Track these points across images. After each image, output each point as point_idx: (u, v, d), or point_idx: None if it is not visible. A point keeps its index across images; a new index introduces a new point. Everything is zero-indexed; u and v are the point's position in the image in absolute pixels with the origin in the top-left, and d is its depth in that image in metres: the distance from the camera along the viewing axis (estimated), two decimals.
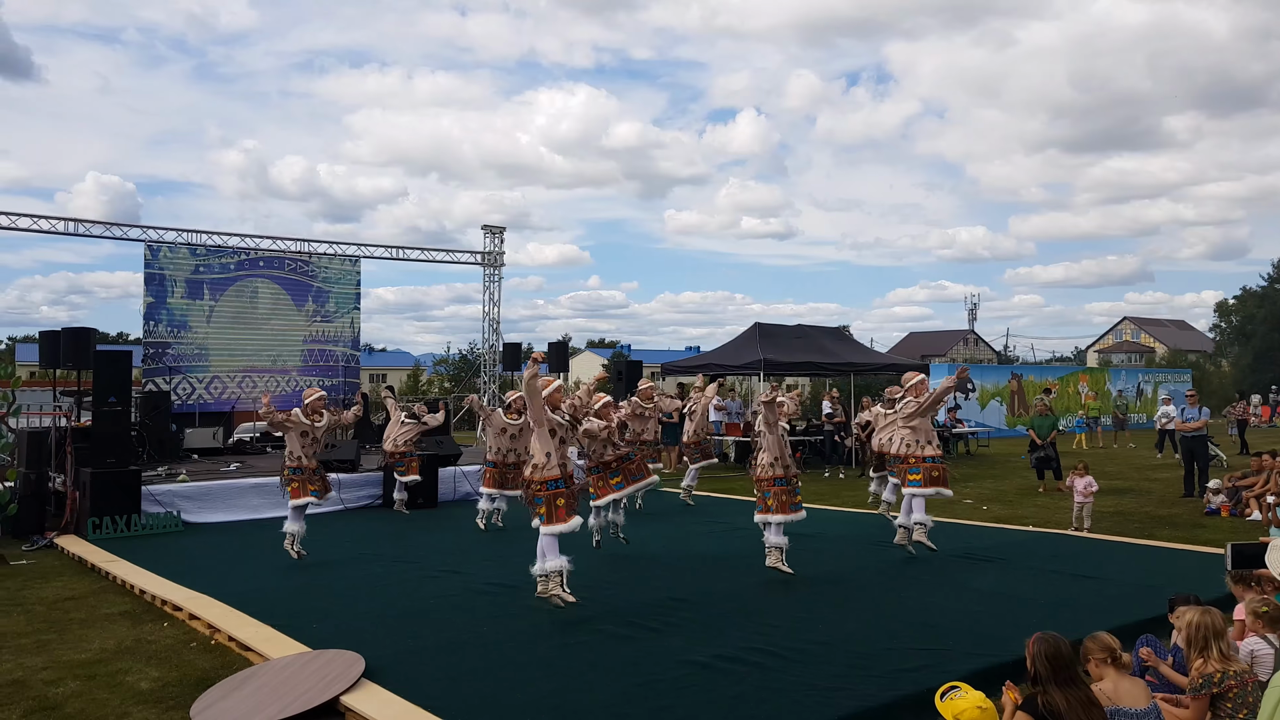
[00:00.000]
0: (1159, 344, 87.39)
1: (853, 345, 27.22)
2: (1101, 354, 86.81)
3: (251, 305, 23.02)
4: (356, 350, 25.08)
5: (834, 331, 26.95)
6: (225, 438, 20.08)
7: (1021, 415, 32.36)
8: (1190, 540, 11.47)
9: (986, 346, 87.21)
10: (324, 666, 6.34)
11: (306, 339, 23.76)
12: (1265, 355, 58.75)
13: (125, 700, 6.16)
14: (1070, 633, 4.68)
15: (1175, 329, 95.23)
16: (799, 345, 23.19)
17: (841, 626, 7.43)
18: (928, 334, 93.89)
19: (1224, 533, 11.72)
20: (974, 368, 36.47)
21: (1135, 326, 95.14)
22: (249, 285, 23.03)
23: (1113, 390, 37.77)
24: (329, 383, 23.88)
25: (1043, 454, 17.10)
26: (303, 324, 23.74)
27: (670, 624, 7.55)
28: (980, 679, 5.59)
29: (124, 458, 13.06)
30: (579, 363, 74.02)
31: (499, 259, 30.16)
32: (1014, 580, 9.11)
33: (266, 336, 23.14)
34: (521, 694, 5.92)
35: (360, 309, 24.95)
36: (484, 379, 31.08)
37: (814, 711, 5.48)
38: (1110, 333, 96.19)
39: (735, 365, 22.59)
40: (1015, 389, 34.48)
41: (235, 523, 13.62)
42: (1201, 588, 7.27)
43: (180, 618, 8.31)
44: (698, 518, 13.89)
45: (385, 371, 69.69)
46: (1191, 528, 12.65)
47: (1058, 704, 4.18)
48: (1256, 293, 65.27)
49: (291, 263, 23.85)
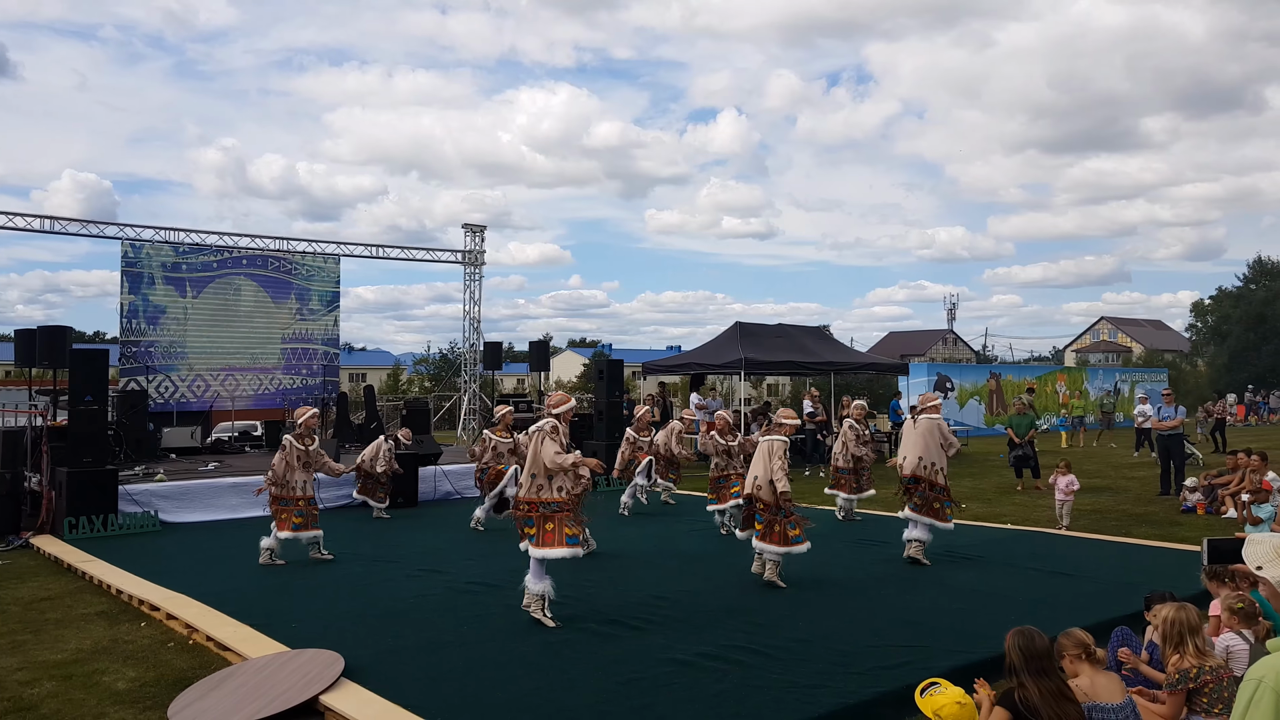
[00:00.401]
0: (1136, 344, 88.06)
1: (833, 345, 27.31)
2: (1079, 353, 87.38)
3: (230, 304, 22.90)
4: (336, 349, 24.98)
5: (814, 331, 27.02)
6: (203, 437, 19.96)
7: (1000, 414, 32.55)
8: (1167, 538, 11.57)
9: (965, 346, 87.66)
10: (303, 666, 6.31)
11: (285, 338, 23.64)
12: (1240, 355, 59.29)
13: (102, 700, 6.11)
14: (1048, 629, 4.70)
15: (1152, 329, 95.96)
16: (780, 345, 23.23)
17: (822, 624, 7.45)
18: (907, 334, 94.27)
19: (1200, 530, 11.82)
20: (953, 367, 36.67)
21: (1112, 326, 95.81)
22: (227, 284, 22.90)
23: (1091, 390, 38.07)
24: (308, 382, 23.79)
25: (1021, 453, 17.21)
26: (282, 323, 23.62)
27: (652, 622, 7.56)
28: (960, 675, 5.62)
29: (100, 457, 12.95)
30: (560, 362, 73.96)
31: (480, 258, 30.09)
32: (993, 578, 9.16)
33: (245, 335, 23.02)
34: (502, 693, 5.91)
35: (340, 308, 24.87)
36: (465, 378, 30.99)
37: (795, 709, 5.50)
38: (1088, 332, 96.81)
39: (716, 364, 22.62)
40: (994, 388, 34.66)
41: (213, 522, 13.53)
42: (1177, 585, 7.33)
43: (157, 617, 8.25)
44: (680, 517, 13.90)
45: (365, 371, 69.34)
46: (1168, 525, 12.76)
47: (1033, 697, 4.22)
48: (1232, 293, 65.91)
49: (270, 261, 23.73)
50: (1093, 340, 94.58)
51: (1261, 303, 60.30)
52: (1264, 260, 67.16)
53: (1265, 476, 11.95)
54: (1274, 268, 66.32)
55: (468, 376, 30.84)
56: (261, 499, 10.86)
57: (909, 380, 29.71)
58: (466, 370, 30.99)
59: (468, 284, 30.35)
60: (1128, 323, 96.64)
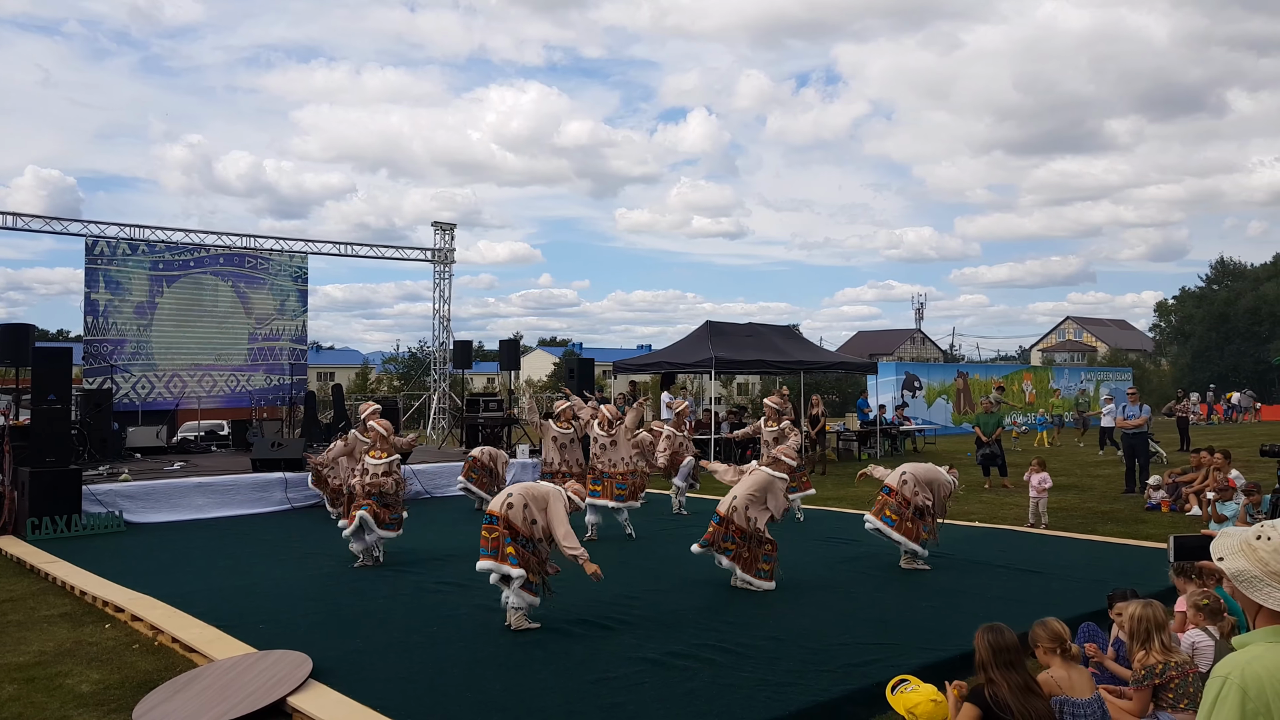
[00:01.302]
0: (1100, 343, 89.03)
1: (803, 344, 27.38)
2: (1045, 353, 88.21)
3: (196, 302, 22.65)
4: (304, 347, 24.78)
5: (784, 330, 27.09)
6: (169, 436, 19.75)
7: (967, 413, 32.81)
8: (1132, 535, 11.70)
9: (933, 345, 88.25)
10: (270, 667, 6.25)
11: (252, 336, 23.42)
12: (1203, 354, 60.15)
13: (65, 704, 6.02)
14: (1017, 626, 4.74)
15: (1116, 328, 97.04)
16: (750, 344, 23.28)
17: (793, 623, 7.47)
18: (876, 333, 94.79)
19: (1164, 527, 11.96)
20: (921, 366, 36.91)
21: (1078, 326, 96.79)
22: (193, 282, 22.65)
23: (1058, 388, 38.48)
24: (275, 381, 23.59)
25: (988, 451, 17.33)
26: (249, 321, 23.40)
27: (623, 622, 7.54)
28: (929, 672, 5.66)
29: (64, 457, 12.79)
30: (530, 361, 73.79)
31: (449, 256, 29.97)
32: (961, 575, 9.22)
33: (211, 334, 22.78)
34: (472, 693, 5.88)
35: (308, 306, 24.67)
36: (434, 377, 30.85)
37: (765, 707, 5.50)
38: (1053, 332, 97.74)
39: (687, 364, 22.63)
40: (961, 387, 34.94)
41: (179, 523, 13.38)
42: (1142, 581, 7.41)
43: (122, 619, 8.14)
44: (650, 516, 13.88)
45: (333, 370, 68.89)
46: (1133, 523, 12.89)
47: (1002, 692, 4.24)
48: (1195, 293, 66.83)
49: (237, 259, 23.50)
50: (1058, 340, 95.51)
51: (1224, 303, 61.19)
52: (1226, 261, 68.29)
53: (1229, 475, 12.12)
54: (1236, 268, 67.38)
55: (437, 375, 30.71)
56: (226, 500, 10.82)
57: (877, 379, 29.87)
58: (436, 369, 30.86)
59: (437, 282, 30.24)
60: (1093, 322, 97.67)
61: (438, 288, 30.23)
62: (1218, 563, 2.48)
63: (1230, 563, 2.45)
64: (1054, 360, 75.56)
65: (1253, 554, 2.42)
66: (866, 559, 10.10)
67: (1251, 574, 2.40)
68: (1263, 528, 2.46)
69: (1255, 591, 2.39)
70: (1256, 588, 2.39)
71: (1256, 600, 2.39)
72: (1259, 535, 2.44)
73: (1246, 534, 2.47)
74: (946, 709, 4.68)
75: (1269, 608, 2.37)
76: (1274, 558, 2.38)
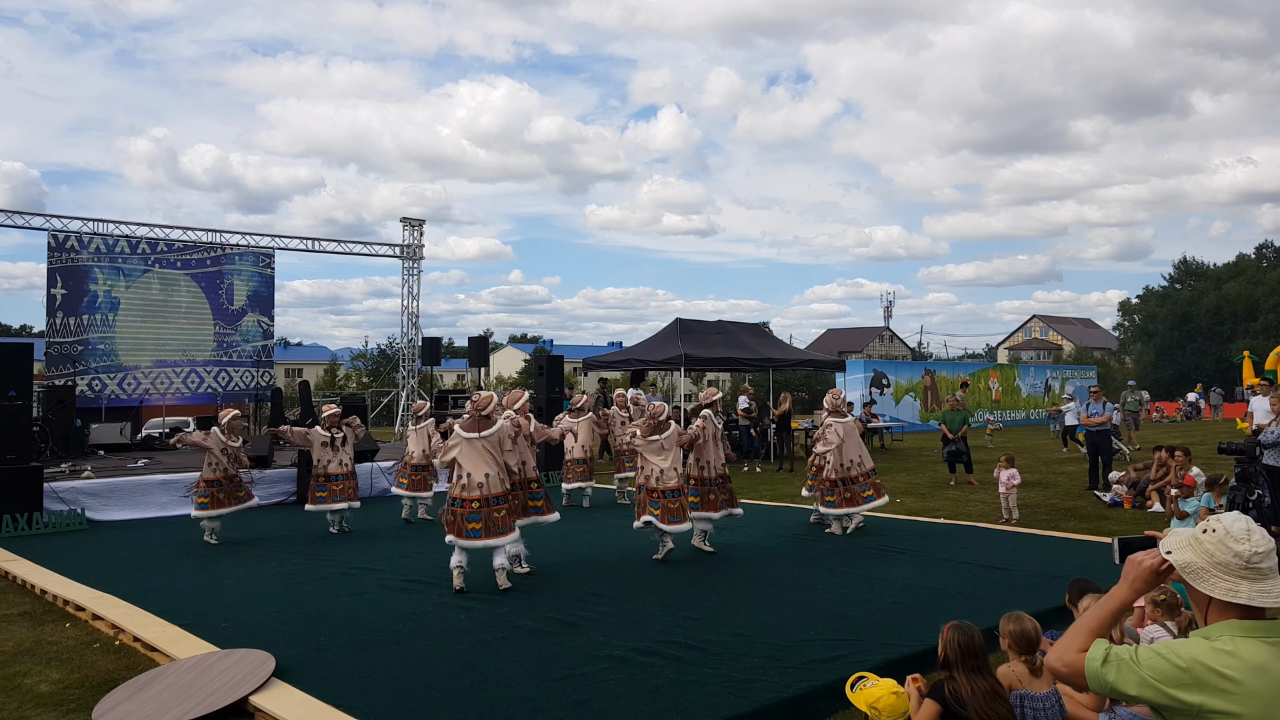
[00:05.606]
0: (1066, 341, 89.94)
1: (772, 341, 27.48)
2: (1011, 351, 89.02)
3: (161, 297, 22.43)
4: (270, 343, 24.60)
5: (754, 328, 27.18)
6: (133, 433, 19.54)
7: (935, 410, 33.05)
8: (1094, 531, 11.82)
9: (901, 343, 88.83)
10: (233, 666, 6.21)
11: (218, 332, 23.22)
12: (1166, 353, 60.92)
13: (24, 704, 5.95)
14: (980, 622, 4.77)
15: (1081, 327, 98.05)
16: (719, 341, 23.34)
17: (758, 619, 7.50)
18: (845, 330, 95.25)
19: (1126, 524, 12.11)
20: (889, 364, 37.14)
21: (1044, 324, 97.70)
22: (159, 277, 22.43)
23: (1022, 386, 38.86)
24: (242, 377, 23.39)
25: (954, 448, 17.47)
26: (214, 317, 23.20)
27: (588, 619, 7.55)
28: (892, 668, 5.70)
29: (25, 454, 12.64)
30: (500, 358, 73.61)
31: (418, 252, 29.82)
32: (926, 571, 9.29)
33: (177, 329, 22.57)
34: (437, 691, 5.86)
35: (275, 302, 24.50)
36: (403, 373, 30.70)
37: (730, 703, 5.53)
38: (1020, 330, 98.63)
39: (657, 360, 22.66)
40: (929, 385, 35.19)
41: (142, 520, 13.27)
42: (1104, 576, 7.47)
43: (83, 618, 8.06)
44: (616, 513, 13.90)
45: (301, 366, 68.36)
46: (1095, 519, 13.03)
47: (963, 691, 4.27)
48: (1158, 292, 67.75)
49: (203, 254, 23.28)
50: (1025, 338, 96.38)
51: (1186, 302, 62.03)
52: (1189, 261, 69.32)
53: (1189, 472, 12.28)
54: (1199, 268, 68.34)
55: (406, 372, 30.55)
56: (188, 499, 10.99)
57: (846, 377, 30.05)
58: (405, 366, 30.70)
59: (406, 278, 30.08)
60: (1058, 321, 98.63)
61: (406, 284, 30.07)
62: (1167, 556, 2.54)
63: (1178, 555, 2.51)
64: (1020, 358, 76.26)
65: (1199, 546, 2.48)
66: (832, 554, 10.17)
67: (1197, 565, 2.46)
68: (1209, 522, 2.52)
69: (1202, 583, 2.45)
70: (1203, 579, 2.45)
71: (1204, 591, 2.45)
72: (1205, 529, 2.50)
73: (1195, 529, 2.53)
74: (906, 701, 4.71)
75: (1217, 598, 2.42)
76: (1218, 548, 2.44)
